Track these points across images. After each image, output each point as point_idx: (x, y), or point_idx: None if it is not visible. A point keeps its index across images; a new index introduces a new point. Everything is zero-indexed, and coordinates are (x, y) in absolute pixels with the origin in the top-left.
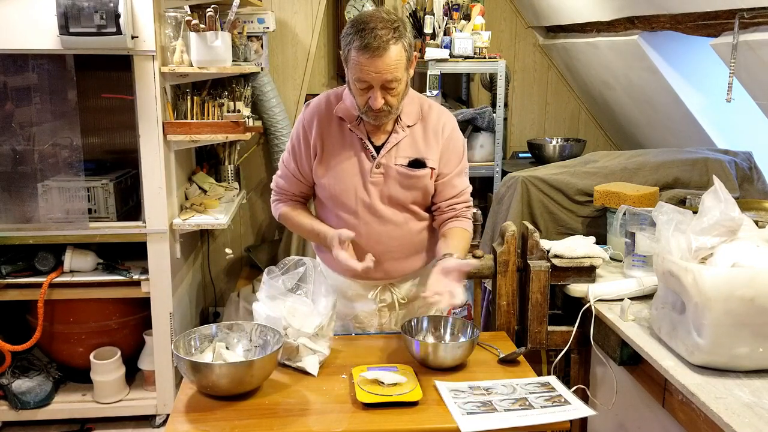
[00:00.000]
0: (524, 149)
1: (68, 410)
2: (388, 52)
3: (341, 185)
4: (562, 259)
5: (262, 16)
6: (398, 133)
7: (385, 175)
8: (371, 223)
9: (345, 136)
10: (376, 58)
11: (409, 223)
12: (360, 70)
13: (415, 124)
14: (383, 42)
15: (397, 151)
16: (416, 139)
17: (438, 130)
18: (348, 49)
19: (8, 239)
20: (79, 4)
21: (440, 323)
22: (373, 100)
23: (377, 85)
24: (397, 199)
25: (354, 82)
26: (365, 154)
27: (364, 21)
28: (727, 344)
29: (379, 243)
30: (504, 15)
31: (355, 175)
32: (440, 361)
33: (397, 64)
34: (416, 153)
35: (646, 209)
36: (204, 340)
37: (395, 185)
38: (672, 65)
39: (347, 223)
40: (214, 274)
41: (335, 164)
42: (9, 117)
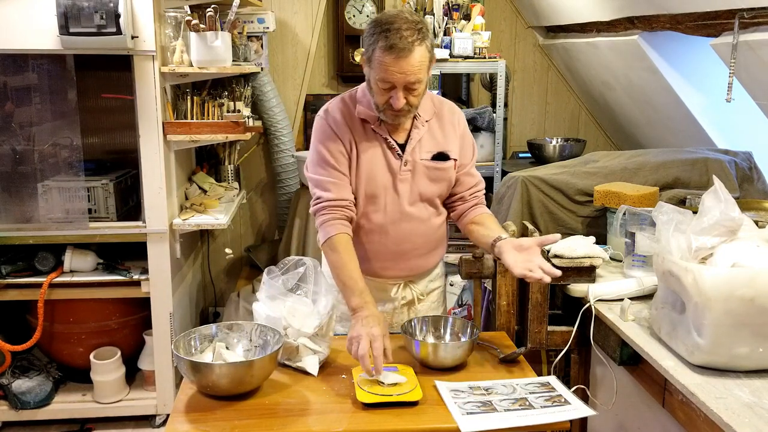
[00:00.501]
0: (524, 149)
1: (68, 410)
2: (413, 54)
3: (373, 186)
4: (562, 259)
5: (262, 16)
6: (418, 129)
7: (413, 171)
8: (399, 221)
9: (370, 137)
10: (401, 59)
11: (432, 219)
12: (385, 70)
13: (431, 120)
14: (408, 43)
15: (420, 147)
16: (434, 133)
17: (454, 123)
18: (372, 48)
19: (8, 239)
20: (79, 4)
21: (440, 323)
22: (396, 100)
23: (401, 85)
24: (424, 195)
25: (377, 81)
26: (391, 153)
27: (389, 21)
28: (727, 344)
29: (405, 240)
30: (504, 15)
31: (386, 174)
32: (440, 361)
33: (421, 65)
34: (438, 147)
35: (646, 209)
36: (204, 340)
37: (423, 180)
38: (672, 65)
39: (374, 223)
40: (214, 274)
41: (366, 166)
42: (9, 117)
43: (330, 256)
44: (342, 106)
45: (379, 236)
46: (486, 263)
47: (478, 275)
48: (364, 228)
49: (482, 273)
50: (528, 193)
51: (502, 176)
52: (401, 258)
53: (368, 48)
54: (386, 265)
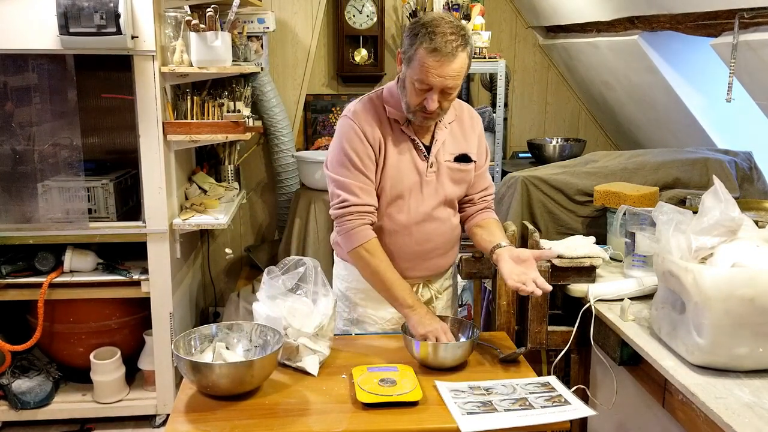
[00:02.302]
0: (524, 149)
1: (68, 410)
2: (456, 59)
3: (399, 187)
4: (562, 259)
5: (262, 16)
6: (442, 131)
7: (437, 173)
8: (422, 222)
9: (398, 137)
10: (444, 63)
11: (451, 219)
12: (426, 72)
13: (453, 122)
14: (453, 48)
15: (444, 149)
16: (456, 135)
17: (473, 126)
18: (415, 48)
19: (8, 239)
20: (79, 4)
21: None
22: (430, 102)
23: (438, 89)
24: (447, 195)
25: (414, 81)
26: (418, 154)
27: (435, 23)
28: (727, 344)
29: (428, 241)
30: (504, 15)
31: (413, 175)
32: (440, 362)
33: (461, 71)
34: (459, 148)
35: (646, 209)
36: (204, 340)
37: (447, 181)
38: (672, 65)
39: (397, 224)
40: (214, 274)
41: (393, 166)
42: (9, 117)
43: (369, 261)
44: (371, 107)
45: (403, 237)
46: (486, 263)
47: (478, 275)
48: (388, 229)
49: (482, 273)
50: (528, 193)
51: (502, 176)
52: (423, 258)
53: (409, 47)
54: (409, 266)
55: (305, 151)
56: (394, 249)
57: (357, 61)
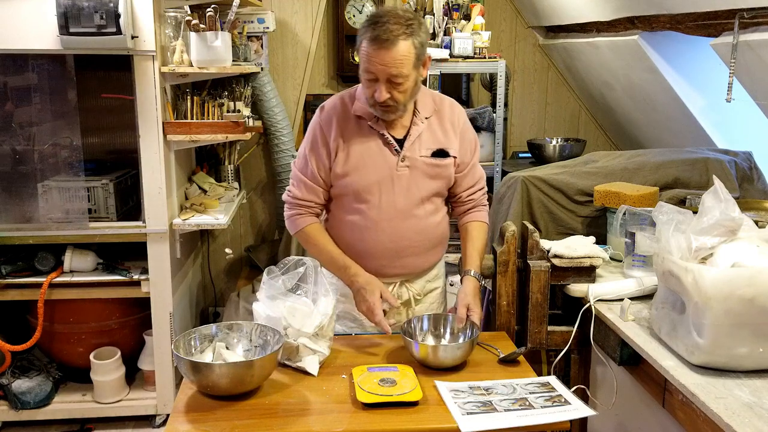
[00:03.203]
0: (524, 149)
1: (68, 410)
2: (396, 47)
3: (366, 181)
4: (562, 259)
5: (262, 16)
6: (418, 126)
7: (411, 167)
8: (395, 218)
9: (366, 133)
10: (383, 50)
11: (429, 217)
12: (368, 60)
13: (431, 116)
14: (393, 35)
15: (419, 143)
16: (434, 130)
17: (454, 121)
18: (360, 40)
19: (8, 239)
20: (79, 4)
21: (440, 322)
22: (378, 93)
23: (383, 78)
24: (421, 192)
25: (362, 73)
26: (389, 149)
27: (380, 15)
28: (727, 344)
29: (402, 238)
30: (504, 15)
31: (381, 170)
32: (440, 362)
33: (404, 59)
34: (438, 144)
35: (646, 209)
36: (204, 340)
37: (421, 177)
38: (672, 65)
39: (369, 219)
40: (214, 274)
41: (359, 161)
42: (9, 117)
43: (307, 243)
44: (338, 104)
45: (375, 233)
46: (486, 263)
47: None
48: (359, 225)
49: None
50: (528, 193)
51: (502, 176)
52: (397, 256)
53: (358, 41)
54: (383, 263)
55: None
56: (366, 246)
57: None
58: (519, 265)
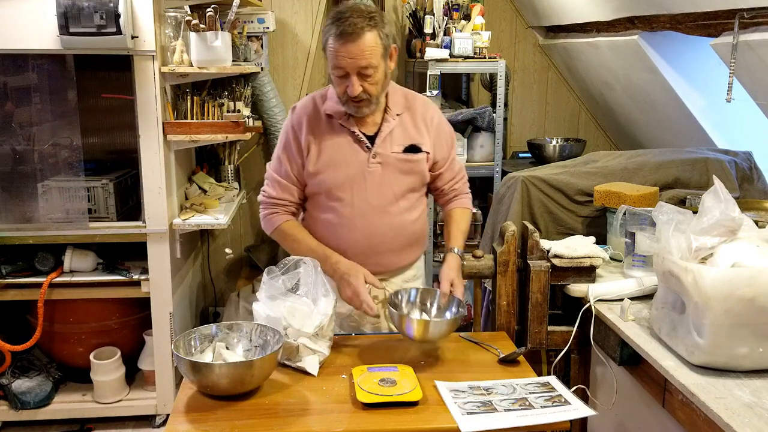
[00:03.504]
0: (524, 149)
1: (68, 410)
2: (362, 39)
3: (338, 178)
4: (562, 259)
5: (262, 16)
6: (389, 122)
7: (383, 164)
8: (368, 214)
9: (337, 131)
10: (349, 43)
11: (404, 214)
12: (336, 56)
13: (403, 113)
14: (357, 28)
15: (391, 140)
16: (406, 126)
17: (426, 119)
18: (326, 38)
19: (8, 239)
20: (79, 4)
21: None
22: (351, 87)
23: (353, 71)
24: (395, 188)
25: (332, 70)
26: (360, 146)
27: (342, 12)
28: (727, 344)
29: (376, 235)
30: (504, 15)
31: (353, 166)
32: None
33: (372, 50)
34: (409, 139)
35: (646, 209)
36: (204, 340)
37: (394, 173)
38: (672, 65)
39: (342, 217)
40: (214, 274)
41: (330, 159)
42: (9, 117)
43: (284, 239)
44: (309, 104)
45: (349, 231)
46: (486, 263)
47: (478, 275)
48: (333, 223)
49: (482, 273)
50: (528, 193)
51: (502, 176)
52: (372, 253)
53: (324, 41)
54: (359, 261)
55: None
56: (341, 243)
57: None
58: (519, 265)
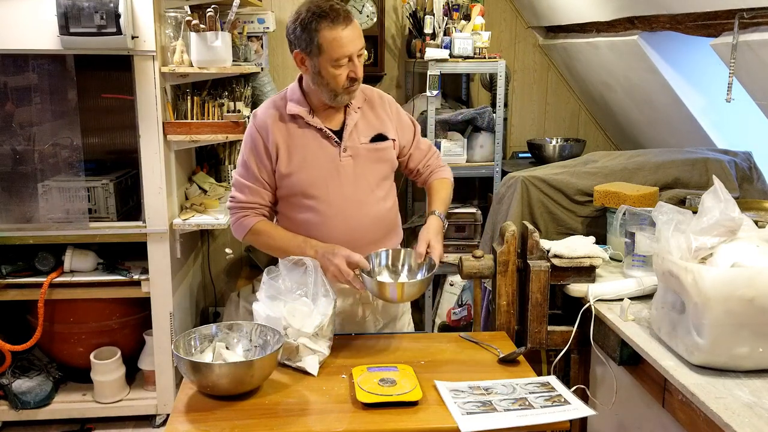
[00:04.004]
0: (524, 149)
1: (68, 410)
2: (354, 22)
3: (312, 176)
4: (562, 259)
5: (262, 16)
6: (352, 116)
7: (354, 156)
8: (346, 208)
9: (303, 130)
10: (349, 26)
11: (379, 203)
12: (340, 45)
13: (363, 106)
14: (348, 14)
15: (357, 132)
16: (368, 118)
17: (385, 107)
18: (317, 36)
19: (8, 239)
20: (79, 4)
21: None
22: (357, 69)
23: (355, 53)
24: (368, 178)
25: (332, 62)
26: (329, 142)
27: (318, 6)
28: (727, 344)
29: (357, 228)
30: (504, 15)
31: (325, 162)
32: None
33: (360, 31)
34: (374, 130)
35: (646, 209)
36: (204, 340)
37: (365, 163)
38: (672, 65)
39: (321, 214)
40: (214, 274)
41: (301, 159)
42: (9, 117)
43: (258, 239)
44: (270, 107)
45: (328, 228)
46: (486, 263)
47: (478, 275)
48: (312, 221)
49: (482, 273)
50: (528, 193)
51: (502, 176)
52: (353, 246)
53: (309, 42)
54: None
55: None
56: (322, 240)
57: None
58: (519, 265)
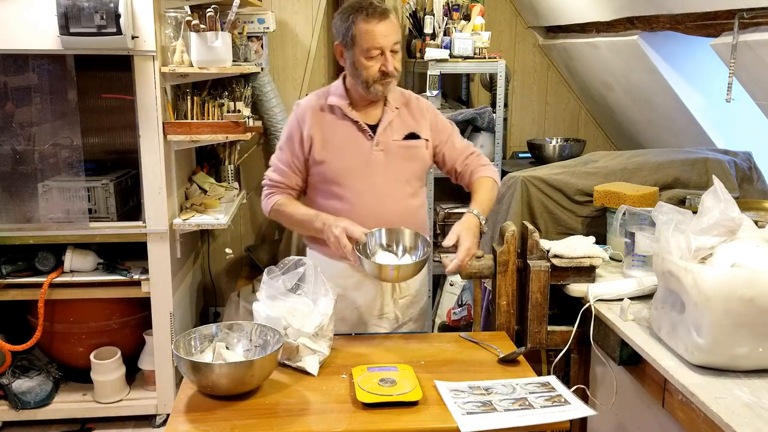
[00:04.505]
0: (524, 149)
1: (68, 410)
2: (390, 17)
3: (343, 166)
4: (561, 259)
5: (262, 17)
6: (388, 114)
7: (385, 151)
8: (371, 201)
9: (340, 122)
10: (384, 21)
11: (408, 200)
12: (372, 36)
13: (401, 108)
14: (385, 9)
15: (392, 129)
16: (404, 118)
17: (422, 110)
18: (351, 27)
19: (8, 239)
20: (79, 4)
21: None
22: (388, 62)
23: (388, 47)
24: (398, 174)
25: (365, 53)
26: (363, 135)
27: (359, 1)
28: (727, 344)
29: (378, 221)
30: (504, 15)
31: (357, 154)
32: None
33: (398, 29)
34: (408, 128)
35: (645, 209)
36: (204, 340)
37: (396, 159)
38: (672, 65)
39: (347, 203)
40: (214, 274)
41: (335, 148)
42: (9, 117)
43: (280, 214)
44: (312, 99)
45: (352, 218)
46: (486, 263)
47: (478, 275)
48: (338, 210)
49: (482, 273)
50: (528, 193)
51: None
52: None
53: (346, 33)
54: None
55: None
56: None
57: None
58: (519, 265)
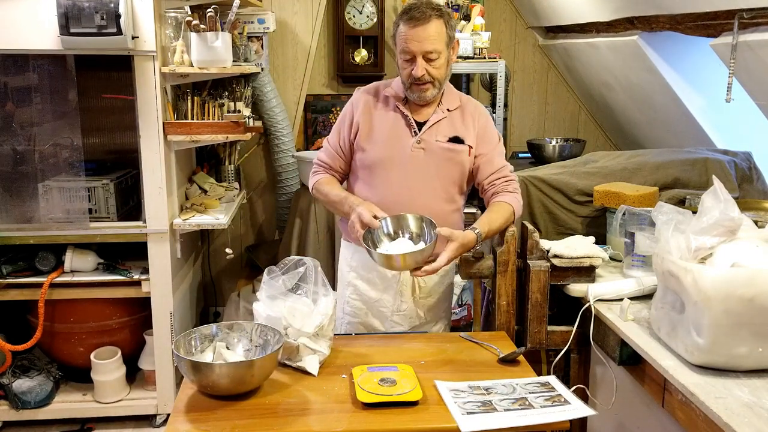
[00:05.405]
0: (524, 149)
1: (68, 410)
2: (429, 24)
3: (381, 155)
4: (561, 259)
5: (262, 17)
6: (438, 114)
7: (426, 150)
8: (402, 197)
9: (391, 112)
10: (418, 27)
11: (440, 203)
12: (405, 40)
13: (454, 111)
14: (425, 15)
15: (437, 129)
16: (454, 121)
17: (475, 117)
18: (396, 26)
19: (9, 239)
20: (79, 4)
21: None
22: (417, 69)
23: (419, 53)
24: (434, 174)
25: (400, 54)
26: (409, 130)
27: (414, 3)
28: (727, 344)
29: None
30: (504, 15)
31: (397, 147)
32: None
33: (437, 36)
34: (454, 132)
35: (645, 209)
36: (204, 340)
37: (435, 159)
38: (672, 65)
39: (379, 194)
40: (214, 274)
41: (378, 137)
42: (10, 117)
43: (319, 193)
44: (371, 86)
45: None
46: (486, 263)
47: (478, 275)
48: (366, 198)
49: (482, 273)
50: (528, 193)
51: None
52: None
53: (394, 31)
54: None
55: (305, 151)
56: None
57: (357, 61)
58: (519, 265)
